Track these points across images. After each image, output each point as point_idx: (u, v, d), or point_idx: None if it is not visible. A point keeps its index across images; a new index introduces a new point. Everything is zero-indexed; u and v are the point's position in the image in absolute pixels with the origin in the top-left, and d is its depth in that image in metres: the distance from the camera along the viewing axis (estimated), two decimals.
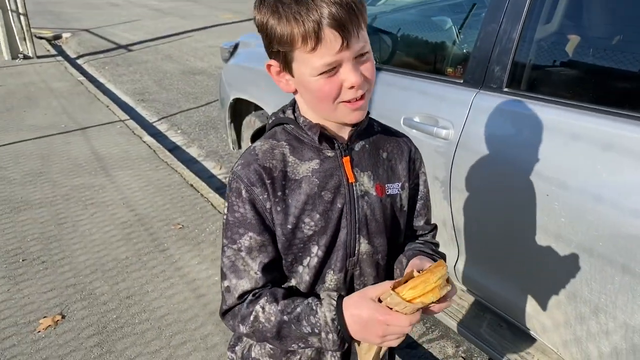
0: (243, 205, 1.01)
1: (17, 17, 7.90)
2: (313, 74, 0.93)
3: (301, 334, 0.96)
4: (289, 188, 1.02)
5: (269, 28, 0.93)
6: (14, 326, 2.48)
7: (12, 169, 4.21)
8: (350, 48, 0.90)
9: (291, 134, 1.06)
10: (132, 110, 6.09)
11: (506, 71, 1.85)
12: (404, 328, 0.89)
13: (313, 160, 1.04)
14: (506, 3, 1.86)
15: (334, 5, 0.88)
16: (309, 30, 0.88)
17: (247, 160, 1.03)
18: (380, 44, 2.73)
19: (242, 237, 1.01)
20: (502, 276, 2.00)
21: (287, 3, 0.89)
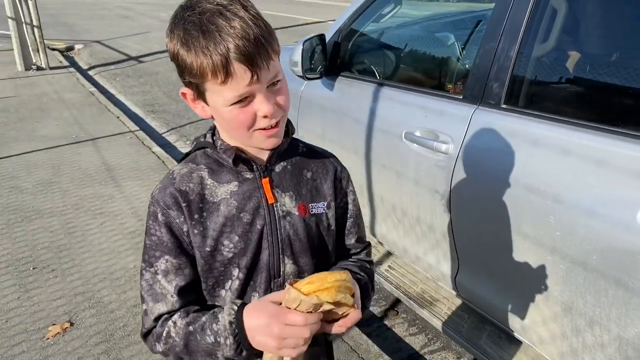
0: (159, 229, 1.02)
1: (31, 29, 8.05)
2: (226, 104, 0.93)
3: (207, 346, 0.95)
4: (207, 211, 1.03)
5: (179, 59, 0.93)
6: (24, 333, 2.53)
7: (24, 179, 4.30)
8: (260, 80, 0.91)
9: (211, 157, 1.07)
10: (142, 121, 6.18)
11: (504, 88, 1.89)
12: (300, 330, 0.87)
13: (231, 183, 1.05)
14: (504, 21, 1.91)
15: (240, 39, 0.88)
16: (217, 65, 0.88)
17: (165, 184, 1.04)
18: (384, 60, 2.79)
19: (158, 260, 1.01)
20: (501, 288, 2.04)
21: (195, 36, 0.89)
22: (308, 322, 0.87)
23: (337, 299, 0.88)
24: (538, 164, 1.74)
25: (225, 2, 0.90)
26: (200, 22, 0.89)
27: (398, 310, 2.91)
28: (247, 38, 0.88)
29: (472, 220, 2.04)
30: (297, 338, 0.87)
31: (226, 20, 0.88)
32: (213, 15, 0.89)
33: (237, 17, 0.89)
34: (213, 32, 0.88)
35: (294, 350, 0.88)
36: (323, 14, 16.27)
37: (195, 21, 0.89)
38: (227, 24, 0.88)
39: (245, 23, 0.89)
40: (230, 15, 0.89)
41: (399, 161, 2.29)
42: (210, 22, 0.88)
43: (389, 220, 2.51)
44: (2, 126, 5.59)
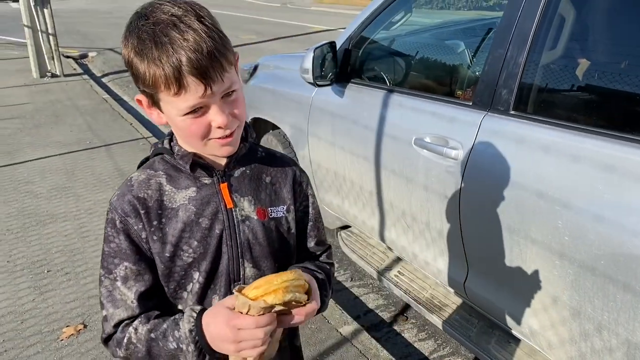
0: (117, 236, 1.02)
1: (46, 37, 8.19)
2: (179, 114, 0.94)
3: (169, 352, 0.96)
4: (166, 217, 1.03)
5: (133, 67, 0.93)
6: (39, 334, 2.58)
7: (39, 184, 4.37)
8: (213, 93, 0.91)
9: (169, 164, 1.07)
10: (154, 128, 6.24)
11: (513, 94, 1.92)
12: (253, 332, 0.88)
13: (190, 188, 1.05)
14: (513, 29, 1.94)
15: (193, 52, 0.87)
16: (169, 77, 0.88)
17: (123, 191, 1.04)
18: (394, 67, 2.82)
19: (117, 267, 1.02)
20: (510, 293, 2.05)
21: (148, 46, 0.88)
22: (259, 324, 0.88)
23: (286, 299, 0.89)
24: (547, 170, 1.76)
25: (179, 13, 0.90)
26: (154, 32, 0.88)
27: (407, 316, 2.92)
28: (200, 51, 0.88)
29: (482, 226, 2.05)
30: (253, 339, 0.89)
31: (179, 32, 0.88)
32: (166, 26, 0.88)
33: (190, 30, 0.88)
34: (166, 45, 0.87)
35: (253, 350, 0.90)
36: (332, 22, 16.36)
37: (148, 31, 0.89)
38: (180, 37, 0.88)
39: (199, 35, 0.88)
40: (183, 27, 0.88)
41: (408, 167, 2.31)
42: (163, 34, 0.88)
43: (399, 225, 2.53)
44: (18, 132, 5.68)
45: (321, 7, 22.15)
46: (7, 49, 11.26)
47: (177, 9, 0.90)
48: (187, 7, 0.92)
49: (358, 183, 2.74)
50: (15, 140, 5.43)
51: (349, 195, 2.85)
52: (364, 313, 2.96)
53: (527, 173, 1.81)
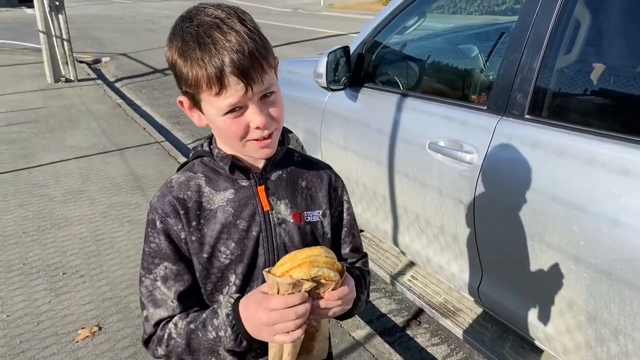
0: (158, 236, 1.03)
1: (60, 42, 8.28)
2: (219, 114, 0.96)
3: (208, 342, 0.97)
4: (204, 218, 1.05)
5: (177, 68, 0.96)
6: (55, 336, 2.60)
7: (54, 187, 4.41)
8: (253, 93, 0.94)
9: (208, 166, 1.09)
10: (167, 132, 6.30)
11: (528, 98, 1.92)
12: (284, 313, 0.87)
13: (228, 190, 1.07)
14: (528, 33, 1.94)
15: (235, 53, 0.90)
16: (211, 77, 0.91)
17: (163, 192, 1.06)
18: (407, 71, 2.83)
19: (157, 267, 1.03)
20: (525, 298, 2.04)
21: (192, 47, 0.92)
22: (289, 303, 0.87)
23: (312, 274, 0.87)
24: (562, 174, 1.76)
25: (222, 16, 0.93)
26: (197, 34, 0.92)
27: (420, 320, 2.92)
28: (242, 52, 0.91)
29: (496, 230, 2.05)
30: (285, 321, 0.88)
31: (222, 33, 0.91)
32: (210, 28, 0.91)
33: (233, 31, 0.91)
34: (209, 45, 0.91)
35: (287, 336, 0.89)
36: (344, 27, 16.39)
37: (192, 33, 0.92)
38: (223, 38, 0.91)
39: (241, 37, 0.91)
40: (226, 28, 0.91)
41: (422, 171, 2.31)
42: (207, 35, 0.91)
43: (412, 230, 2.53)
44: (33, 136, 5.75)
45: (332, 12, 22.21)
46: (23, 54, 11.41)
47: (221, 12, 0.94)
48: (230, 11, 0.95)
49: (371, 187, 2.75)
50: (31, 144, 5.49)
51: (362, 199, 2.86)
52: (376, 317, 2.95)
53: (542, 177, 1.81)
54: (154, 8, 26.52)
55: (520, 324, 2.11)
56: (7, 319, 2.73)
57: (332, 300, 0.92)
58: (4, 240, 3.52)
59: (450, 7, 4.18)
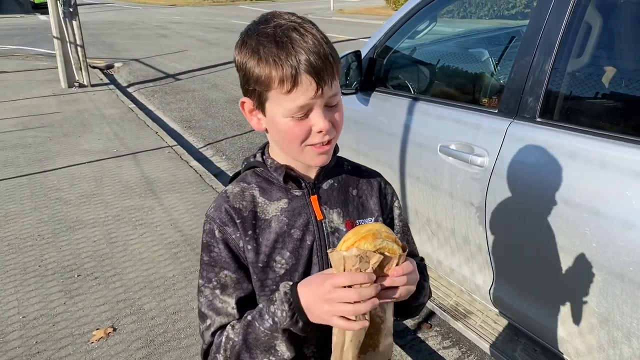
0: (217, 245, 1.05)
1: (74, 48, 8.39)
2: (285, 114, 0.97)
3: (265, 335, 0.95)
4: (259, 227, 1.06)
5: (247, 69, 0.98)
6: (70, 337, 2.64)
7: (68, 191, 4.47)
8: (323, 95, 0.96)
9: (261, 176, 1.11)
10: (179, 136, 6.35)
11: (539, 102, 1.93)
12: (348, 292, 0.86)
13: (281, 200, 1.08)
14: (539, 37, 1.95)
15: (312, 53, 0.93)
16: (286, 74, 0.93)
17: (219, 203, 1.08)
18: (418, 75, 2.85)
19: (217, 275, 1.04)
20: (536, 300, 2.04)
21: (269, 46, 0.95)
22: (355, 280, 0.86)
23: (377, 244, 0.87)
24: (574, 177, 1.76)
25: (299, 20, 0.98)
26: (275, 34, 0.95)
27: (431, 323, 2.92)
28: (318, 53, 0.94)
29: (508, 233, 2.06)
30: (347, 300, 0.86)
31: (300, 35, 0.95)
32: (288, 29, 0.95)
33: (309, 34, 0.95)
34: (287, 44, 0.94)
35: (349, 324, 0.87)
36: (354, 31, 16.45)
37: (269, 33, 0.96)
38: (301, 39, 0.94)
39: (317, 40, 0.95)
40: (304, 31, 0.95)
41: (433, 174, 2.33)
42: (285, 35, 0.95)
43: (423, 232, 2.55)
44: (48, 140, 5.83)
45: (342, 17, 22.28)
46: (37, 59, 11.56)
47: (296, 18, 0.99)
48: (305, 18, 1.00)
49: None
50: (45, 148, 5.57)
51: None
52: None
53: (554, 180, 1.82)
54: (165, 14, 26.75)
55: (532, 326, 2.11)
56: (23, 319, 2.77)
57: (397, 276, 0.89)
58: (20, 242, 3.58)
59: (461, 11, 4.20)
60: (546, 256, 1.90)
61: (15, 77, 9.47)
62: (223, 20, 22.55)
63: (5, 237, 3.65)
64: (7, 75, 9.71)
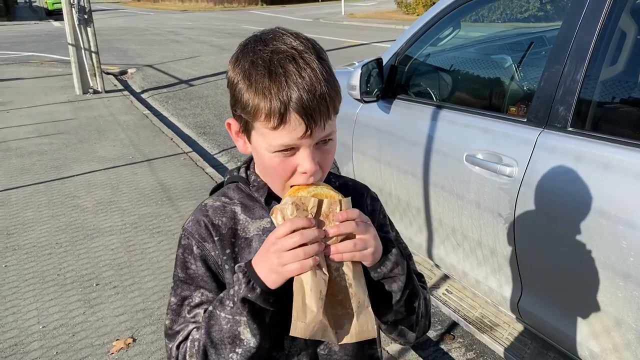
0: (195, 262, 0.99)
1: (89, 54, 8.43)
2: (269, 150, 0.90)
3: (227, 322, 0.88)
4: (239, 246, 1.00)
5: (237, 90, 0.90)
6: (90, 347, 2.62)
7: (85, 198, 4.47)
8: (312, 136, 0.88)
9: (244, 192, 1.05)
10: (194, 143, 6.35)
11: (571, 111, 1.88)
12: (291, 238, 0.82)
13: (264, 219, 1.02)
14: (570, 44, 1.90)
15: (306, 91, 0.85)
16: (274, 109, 0.85)
17: (197, 217, 1.02)
18: (441, 82, 2.81)
19: (192, 294, 0.99)
20: (567, 314, 1.99)
21: (260, 74, 0.86)
22: (295, 225, 0.83)
23: (312, 190, 0.88)
24: (608, 188, 1.71)
25: (300, 48, 0.88)
26: (270, 61, 0.86)
27: (455, 335, 2.87)
28: (313, 92, 0.85)
29: (538, 244, 2.01)
30: (293, 246, 0.82)
31: (297, 67, 0.86)
32: (285, 58, 0.86)
33: (308, 67, 0.86)
34: (280, 77, 0.85)
35: (302, 263, 0.82)
36: (365, 36, 16.42)
37: (265, 58, 0.87)
38: (297, 72, 0.85)
39: (316, 75, 0.86)
40: (302, 63, 0.86)
41: (459, 184, 2.28)
42: (280, 65, 0.86)
43: (448, 243, 2.50)
44: (64, 147, 5.85)
45: (353, 22, 22.28)
46: (51, 66, 11.65)
47: (299, 43, 0.89)
48: (308, 44, 0.90)
49: (405, 199, 2.72)
50: (61, 155, 5.58)
51: (395, 211, 2.83)
52: None
53: (587, 191, 1.77)
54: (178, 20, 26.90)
55: (564, 340, 2.06)
56: (43, 329, 2.76)
57: (341, 220, 0.85)
58: (39, 251, 3.57)
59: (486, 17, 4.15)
60: (579, 269, 1.85)
61: (31, 84, 9.55)
62: (234, 25, 22.63)
63: (24, 245, 3.65)
64: (23, 82, 9.79)
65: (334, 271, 0.87)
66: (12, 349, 2.62)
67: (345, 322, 0.88)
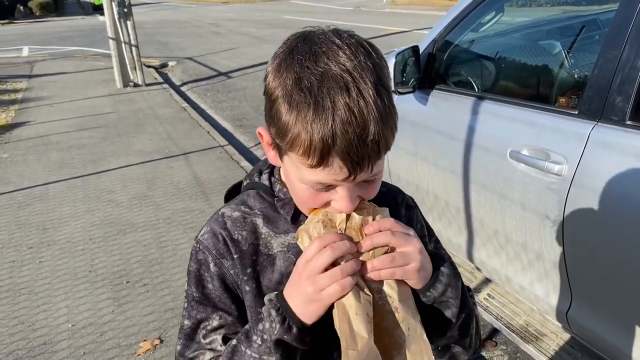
0: (212, 281, 0.89)
1: (129, 48, 8.51)
2: (301, 181, 0.78)
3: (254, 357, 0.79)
4: (261, 265, 0.89)
5: (274, 108, 0.76)
6: (117, 347, 2.57)
7: (120, 192, 4.47)
8: (354, 180, 0.75)
9: (266, 201, 0.93)
10: (231, 136, 6.29)
11: (629, 102, 1.67)
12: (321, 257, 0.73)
13: (289, 234, 0.90)
14: (630, 27, 1.69)
15: (355, 135, 0.70)
16: (314, 148, 0.71)
17: (214, 230, 0.91)
18: (482, 71, 2.61)
19: (210, 317, 0.89)
20: (622, 327, 1.80)
21: (304, 102, 0.71)
22: (324, 242, 0.73)
23: None
24: None
25: (356, 74, 0.71)
26: (319, 87, 0.71)
27: (497, 341, 2.69)
28: (364, 136, 0.70)
29: (590, 250, 1.82)
30: (325, 265, 0.73)
31: (349, 99, 0.70)
32: (336, 86, 0.70)
33: (362, 101, 0.70)
34: (327, 111, 0.70)
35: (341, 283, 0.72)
36: (407, 23, 16.07)
37: (312, 81, 0.71)
38: (348, 109, 0.69)
39: (369, 113, 0.70)
40: (355, 94, 0.70)
41: (502, 182, 2.10)
42: (329, 96, 0.70)
43: (490, 245, 2.32)
44: (102, 141, 5.89)
45: (395, 9, 21.86)
46: (95, 60, 11.87)
47: (356, 64, 0.71)
48: (368, 64, 0.72)
49: (443, 198, 2.55)
50: (100, 149, 5.62)
51: (433, 210, 2.66)
52: None
53: None
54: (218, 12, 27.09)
55: (617, 356, 1.86)
56: (72, 328, 2.73)
57: (373, 232, 0.75)
58: (72, 246, 3.57)
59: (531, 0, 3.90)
60: (635, 278, 1.65)
61: (74, 78, 9.73)
62: (275, 16, 22.58)
63: (58, 241, 3.65)
64: (67, 76, 9.99)
65: (376, 294, 0.76)
66: (40, 347, 2.60)
67: (395, 353, 0.76)
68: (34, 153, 5.55)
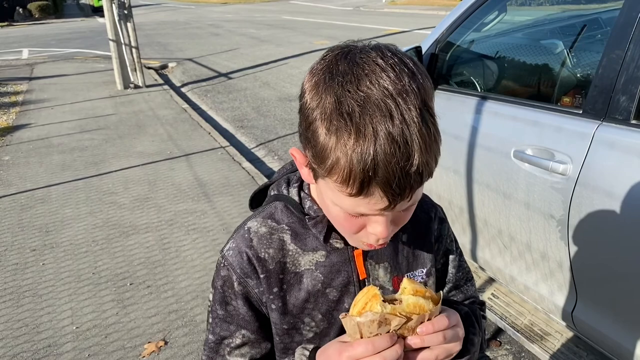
0: (235, 299, 0.89)
1: (129, 49, 8.51)
2: (337, 204, 0.75)
3: None
4: (287, 283, 0.88)
5: (311, 129, 0.71)
6: (121, 350, 2.57)
7: (122, 194, 4.47)
8: (393, 210, 0.72)
9: (295, 216, 0.90)
10: (232, 137, 6.29)
11: (634, 101, 1.67)
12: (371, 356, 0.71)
13: (318, 252, 0.89)
14: (634, 25, 1.69)
15: (398, 166, 0.66)
16: (354, 177, 0.67)
17: (240, 246, 0.89)
18: (485, 71, 2.61)
19: (233, 335, 0.90)
20: (629, 326, 1.79)
21: (345, 128, 0.66)
22: (377, 347, 0.70)
23: (398, 305, 0.73)
24: None
25: (400, 99, 0.66)
26: (361, 114, 0.66)
27: (501, 341, 2.69)
28: (406, 168, 0.66)
29: (595, 249, 1.81)
30: None
31: (392, 126, 0.65)
32: (378, 112, 0.65)
33: (406, 128, 0.65)
34: (369, 139, 0.65)
35: None
36: (407, 23, 16.06)
37: (354, 107, 0.66)
38: (391, 137, 0.65)
39: (413, 142, 0.66)
40: (398, 122, 0.65)
41: (506, 182, 2.10)
42: (371, 123, 0.65)
43: (494, 245, 2.32)
44: (104, 143, 5.89)
45: (395, 9, 21.86)
46: (95, 62, 11.87)
47: (400, 88, 0.67)
48: (413, 85, 0.67)
49: (446, 197, 2.55)
50: (101, 151, 5.62)
51: None
52: None
53: None
54: (218, 12, 27.09)
55: (622, 354, 1.86)
56: (77, 330, 2.73)
57: (427, 333, 0.72)
58: (75, 249, 3.57)
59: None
60: None
61: (75, 80, 9.73)
62: (274, 16, 22.58)
63: (62, 243, 3.65)
64: (67, 78, 9.99)
65: None
66: (45, 350, 2.59)
67: None
68: (35, 155, 5.55)
